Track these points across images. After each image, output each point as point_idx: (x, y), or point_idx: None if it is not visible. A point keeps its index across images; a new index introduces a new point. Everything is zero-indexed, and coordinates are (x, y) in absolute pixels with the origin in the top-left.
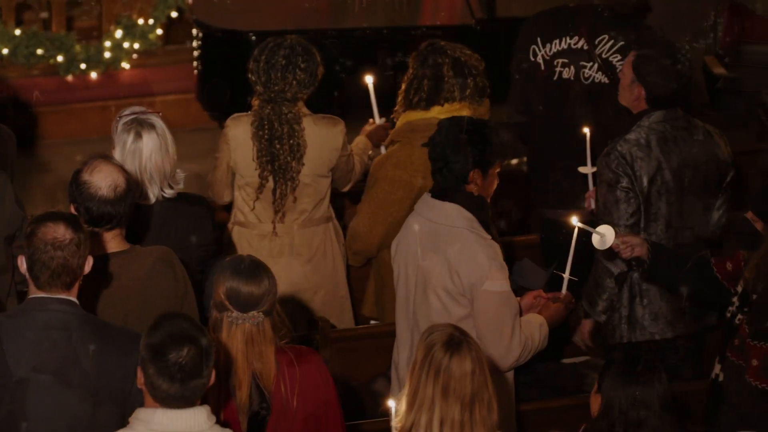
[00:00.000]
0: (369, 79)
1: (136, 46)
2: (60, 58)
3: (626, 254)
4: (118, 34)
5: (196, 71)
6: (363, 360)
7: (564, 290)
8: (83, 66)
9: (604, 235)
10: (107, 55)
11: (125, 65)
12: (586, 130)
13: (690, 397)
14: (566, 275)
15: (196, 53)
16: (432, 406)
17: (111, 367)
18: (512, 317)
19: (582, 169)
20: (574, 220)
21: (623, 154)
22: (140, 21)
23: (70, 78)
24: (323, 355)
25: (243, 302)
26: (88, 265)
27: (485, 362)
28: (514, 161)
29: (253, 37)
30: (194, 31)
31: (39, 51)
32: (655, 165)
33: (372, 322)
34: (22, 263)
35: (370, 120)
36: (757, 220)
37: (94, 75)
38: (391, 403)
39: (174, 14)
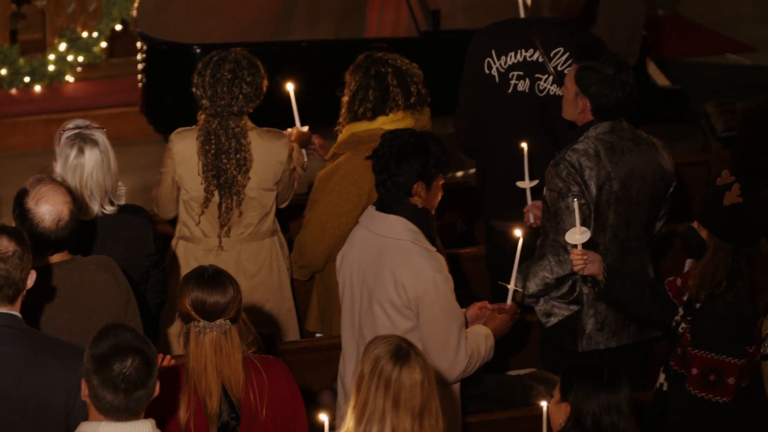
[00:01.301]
0: (290, 87)
1: (81, 59)
2: (3, 72)
3: (578, 267)
4: (62, 47)
5: (140, 84)
6: (308, 373)
7: (509, 301)
8: (27, 79)
9: (583, 233)
10: (51, 68)
11: (69, 78)
12: (524, 145)
13: (636, 407)
14: (511, 286)
15: (140, 66)
16: (383, 417)
17: (54, 381)
18: (458, 329)
19: (520, 184)
20: (518, 232)
21: (572, 164)
22: (84, 34)
23: (14, 91)
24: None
25: (209, 311)
26: (31, 279)
27: (432, 372)
28: (459, 173)
29: (198, 50)
30: (139, 44)
31: None
32: (604, 175)
33: (317, 335)
34: None
35: (292, 129)
36: (702, 229)
37: (38, 88)
38: (323, 417)
39: (118, 27)
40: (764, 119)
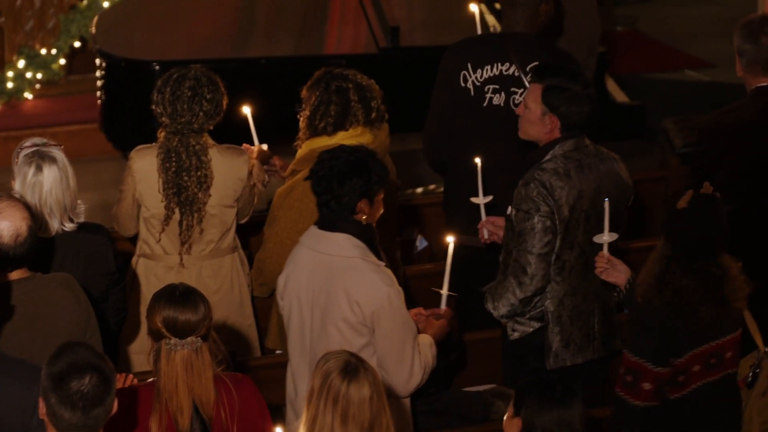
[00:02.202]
0: (247, 110)
1: (39, 76)
2: None
3: (598, 271)
4: (21, 64)
5: (99, 101)
6: (269, 389)
7: (443, 305)
8: None
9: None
10: (10, 85)
11: (28, 95)
12: (478, 160)
13: (595, 422)
14: (444, 291)
15: (99, 83)
16: None
17: (11, 400)
18: (413, 341)
19: (474, 200)
20: (449, 238)
21: (543, 183)
22: (43, 51)
23: None
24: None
25: (180, 329)
26: None
27: (382, 387)
28: (419, 190)
29: (157, 67)
30: (98, 61)
31: None
32: (575, 194)
33: (277, 352)
34: None
35: (254, 147)
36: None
37: None
38: (278, 431)
39: (77, 44)
40: (718, 133)
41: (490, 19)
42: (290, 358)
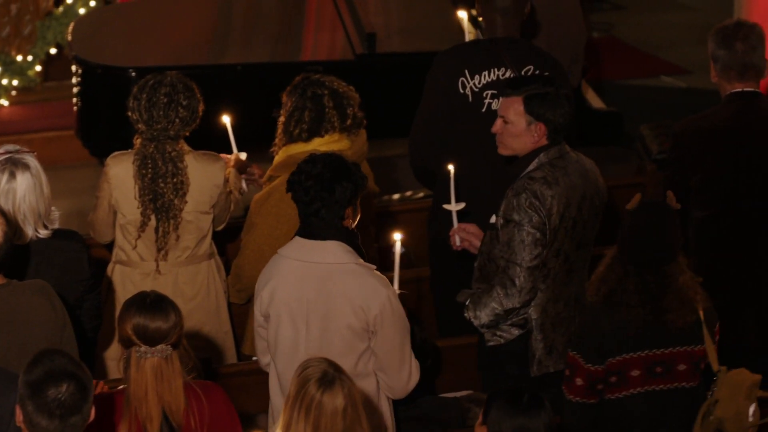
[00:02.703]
0: (226, 119)
1: (15, 83)
2: None
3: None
4: None
5: (75, 108)
6: (245, 396)
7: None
8: None
9: None
10: None
11: (4, 102)
12: (450, 168)
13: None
14: (396, 288)
15: (75, 90)
16: None
17: None
18: (409, 341)
19: (446, 206)
20: (397, 236)
21: (534, 193)
22: (19, 57)
23: None
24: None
25: (150, 337)
26: None
27: (359, 399)
28: (396, 196)
29: (133, 74)
30: (74, 68)
31: None
32: (564, 202)
33: (254, 358)
34: None
35: (231, 155)
36: None
37: None
38: None
39: (53, 51)
40: (694, 139)
41: (467, 24)
42: (278, 371)
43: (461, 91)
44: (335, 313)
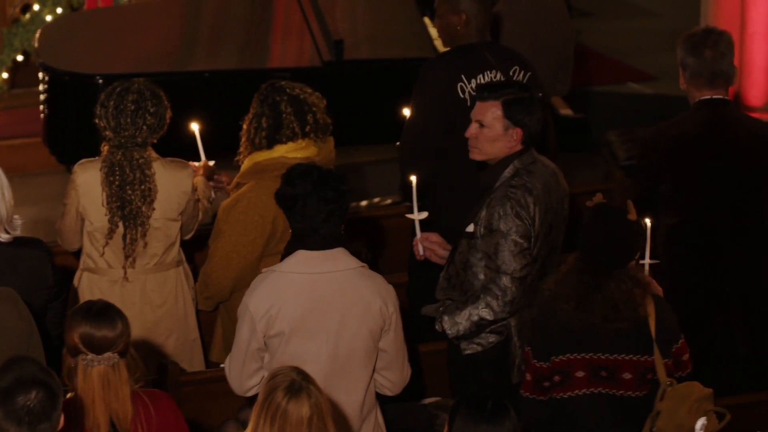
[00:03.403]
0: (195, 126)
1: None
2: None
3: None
4: None
5: (42, 115)
6: (213, 403)
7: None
8: None
9: None
10: None
11: None
12: (413, 178)
13: None
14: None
15: (42, 97)
16: None
17: None
18: None
19: (409, 216)
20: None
21: (519, 202)
22: None
23: None
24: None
25: (97, 345)
26: None
27: (327, 410)
28: (364, 203)
29: (101, 81)
30: (41, 75)
31: None
32: (543, 208)
33: (221, 366)
34: None
35: (200, 163)
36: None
37: None
38: None
39: (20, 58)
40: (661, 146)
41: (434, 32)
42: None
43: (461, 95)
44: (355, 321)
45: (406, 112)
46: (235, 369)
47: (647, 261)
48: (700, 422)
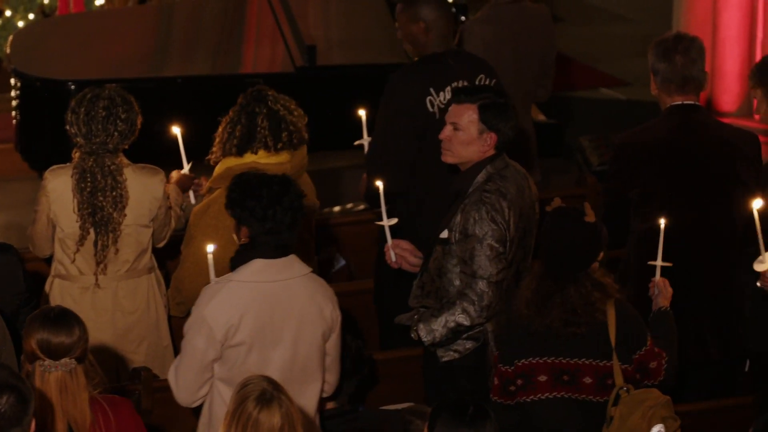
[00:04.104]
0: (177, 130)
1: None
2: None
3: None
4: None
5: (14, 121)
6: (184, 410)
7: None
8: None
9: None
10: None
11: None
12: (379, 184)
13: None
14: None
15: (14, 103)
16: None
17: None
18: None
19: (379, 223)
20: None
21: (494, 206)
22: None
23: None
24: (145, 405)
25: (54, 351)
26: None
27: (297, 419)
28: (336, 208)
29: (72, 86)
30: (12, 81)
31: None
32: (517, 212)
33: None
34: None
35: (173, 173)
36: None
37: None
38: None
39: None
40: (633, 151)
41: None
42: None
43: (430, 109)
44: (312, 323)
45: (362, 113)
46: (186, 380)
47: (659, 263)
48: (656, 429)
